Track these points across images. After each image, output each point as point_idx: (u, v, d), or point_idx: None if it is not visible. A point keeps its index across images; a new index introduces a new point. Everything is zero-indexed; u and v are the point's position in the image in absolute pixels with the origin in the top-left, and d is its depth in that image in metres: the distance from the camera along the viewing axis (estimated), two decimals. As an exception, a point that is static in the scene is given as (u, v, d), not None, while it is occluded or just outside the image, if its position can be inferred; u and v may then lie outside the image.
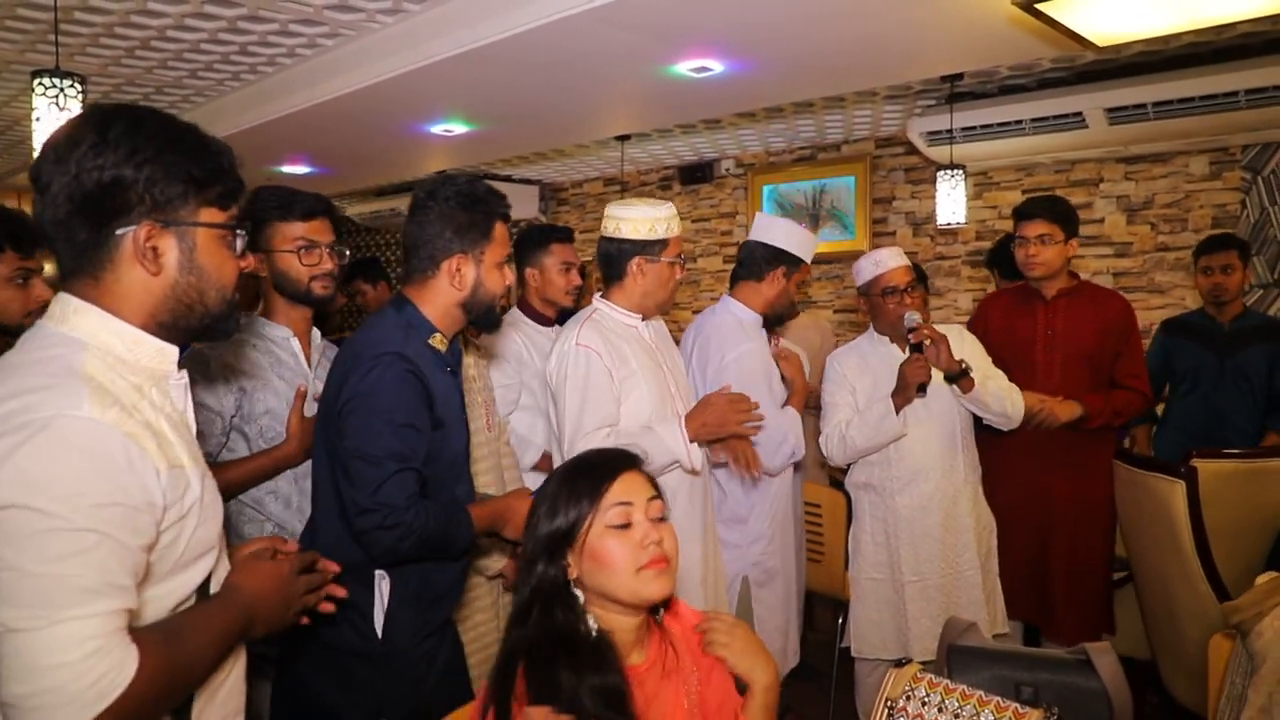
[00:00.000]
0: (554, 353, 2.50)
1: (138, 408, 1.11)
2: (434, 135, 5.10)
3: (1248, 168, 4.69)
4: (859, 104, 5.12)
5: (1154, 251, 4.98)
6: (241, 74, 4.47)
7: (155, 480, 1.08)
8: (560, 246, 3.03)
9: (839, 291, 6.21)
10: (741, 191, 6.60)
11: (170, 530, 1.12)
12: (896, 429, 2.82)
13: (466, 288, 1.85)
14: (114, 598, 1.03)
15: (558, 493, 1.44)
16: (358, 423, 1.72)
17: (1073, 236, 3.04)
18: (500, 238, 1.88)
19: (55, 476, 1.00)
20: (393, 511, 1.68)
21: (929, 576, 2.88)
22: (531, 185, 7.60)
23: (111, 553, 1.03)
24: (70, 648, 0.99)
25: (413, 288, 1.88)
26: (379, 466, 1.69)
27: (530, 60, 3.74)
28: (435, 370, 1.82)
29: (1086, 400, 2.98)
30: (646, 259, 2.50)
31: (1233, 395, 3.72)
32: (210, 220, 1.22)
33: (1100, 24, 2.92)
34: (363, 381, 1.73)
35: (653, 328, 2.65)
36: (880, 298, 2.93)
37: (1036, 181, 5.30)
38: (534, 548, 1.43)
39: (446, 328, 1.88)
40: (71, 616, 0.99)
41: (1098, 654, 1.96)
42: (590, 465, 1.48)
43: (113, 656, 1.02)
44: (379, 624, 1.78)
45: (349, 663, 1.78)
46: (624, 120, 5.19)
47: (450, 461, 1.88)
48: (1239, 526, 3.01)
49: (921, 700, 1.79)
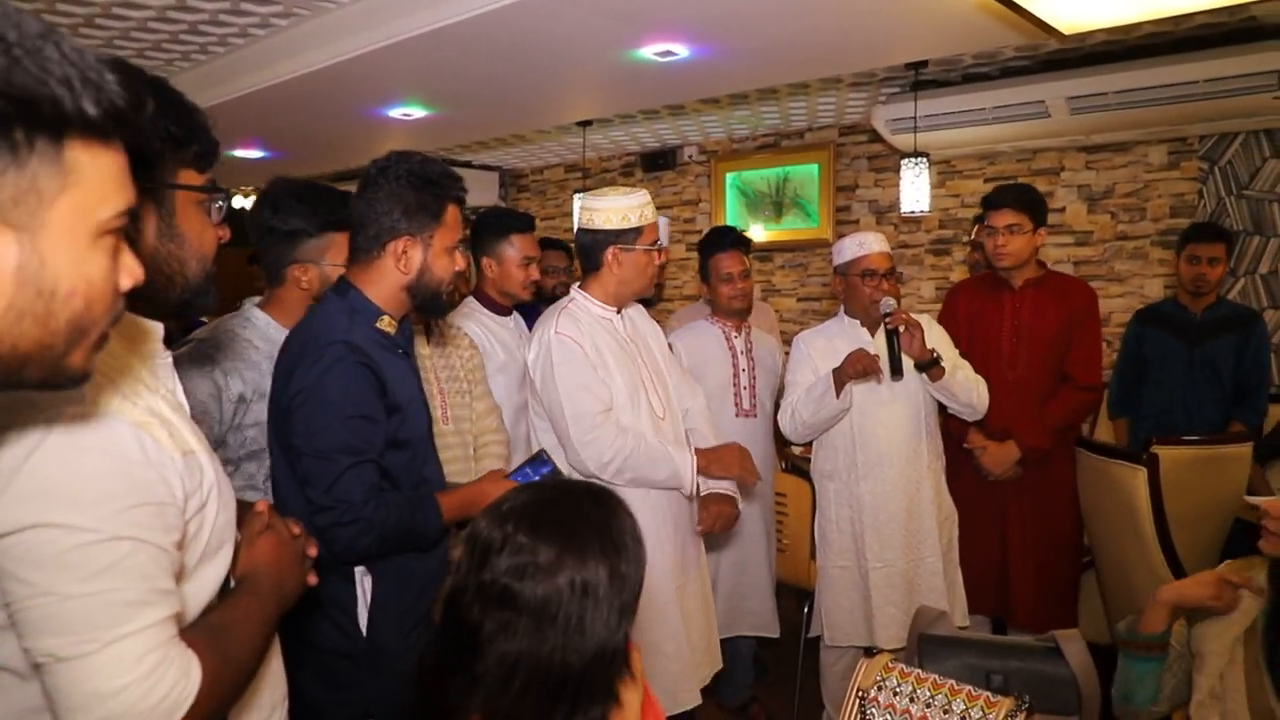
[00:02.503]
0: (534, 344, 2.50)
1: (137, 394, 1.02)
2: (392, 119, 5.00)
3: (1205, 158, 4.76)
4: (823, 91, 5.10)
5: (1114, 240, 5.03)
6: (191, 54, 4.33)
7: (173, 470, 1.00)
8: (521, 238, 2.94)
9: (802, 280, 6.20)
10: (705, 179, 6.56)
11: (194, 520, 1.05)
12: (838, 405, 2.83)
13: (412, 271, 1.78)
14: (161, 605, 0.96)
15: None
16: (307, 418, 1.65)
17: (1041, 226, 3.04)
18: (452, 222, 1.81)
19: (72, 485, 0.90)
20: (350, 507, 1.62)
21: (893, 563, 2.89)
22: (491, 171, 7.51)
23: (150, 557, 0.95)
24: (130, 667, 0.92)
25: (357, 269, 1.80)
26: (332, 462, 1.63)
27: (492, 42, 3.66)
28: (385, 354, 1.76)
29: (1022, 437, 3.00)
30: (621, 248, 2.48)
31: (1200, 385, 3.76)
32: (189, 182, 1.13)
33: (1066, 12, 2.92)
34: (309, 374, 1.66)
35: (632, 319, 2.63)
36: (859, 278, 2.92)
37: (999, 170, 5.33)
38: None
39: (393, 310, 1.81)
40: (124, 634, 0.92)
41: (1066, 641, 1.96)
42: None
43: (176, 666, 0.95)
44: (363, 621, 1.73)
45: (334, 662, 1.72)
46: (587, 105, 5.12)
47: (416, 444, 1.82)
48: (1198, 513, 3.05)
49: (893, 690, 1.78)
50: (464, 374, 2.51)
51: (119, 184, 0.81)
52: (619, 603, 1.13)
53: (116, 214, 0.81)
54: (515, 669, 1.09)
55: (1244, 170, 4.65)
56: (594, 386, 2.41)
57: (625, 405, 2.44)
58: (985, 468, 3.05)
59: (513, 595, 1.10)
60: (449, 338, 2.56)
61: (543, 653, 1.09)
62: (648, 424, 2.47)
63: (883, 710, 1.76)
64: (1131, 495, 2.85)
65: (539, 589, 1.10)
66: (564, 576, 1.10)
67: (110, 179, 0.80)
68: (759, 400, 3.35)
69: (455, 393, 2.46)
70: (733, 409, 3.29)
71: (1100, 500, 3.05)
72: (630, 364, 2.51)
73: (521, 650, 1.09)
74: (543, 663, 1.09)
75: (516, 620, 1.09)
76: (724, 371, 3.31)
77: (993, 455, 3.03)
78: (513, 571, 1.11)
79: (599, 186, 6.62)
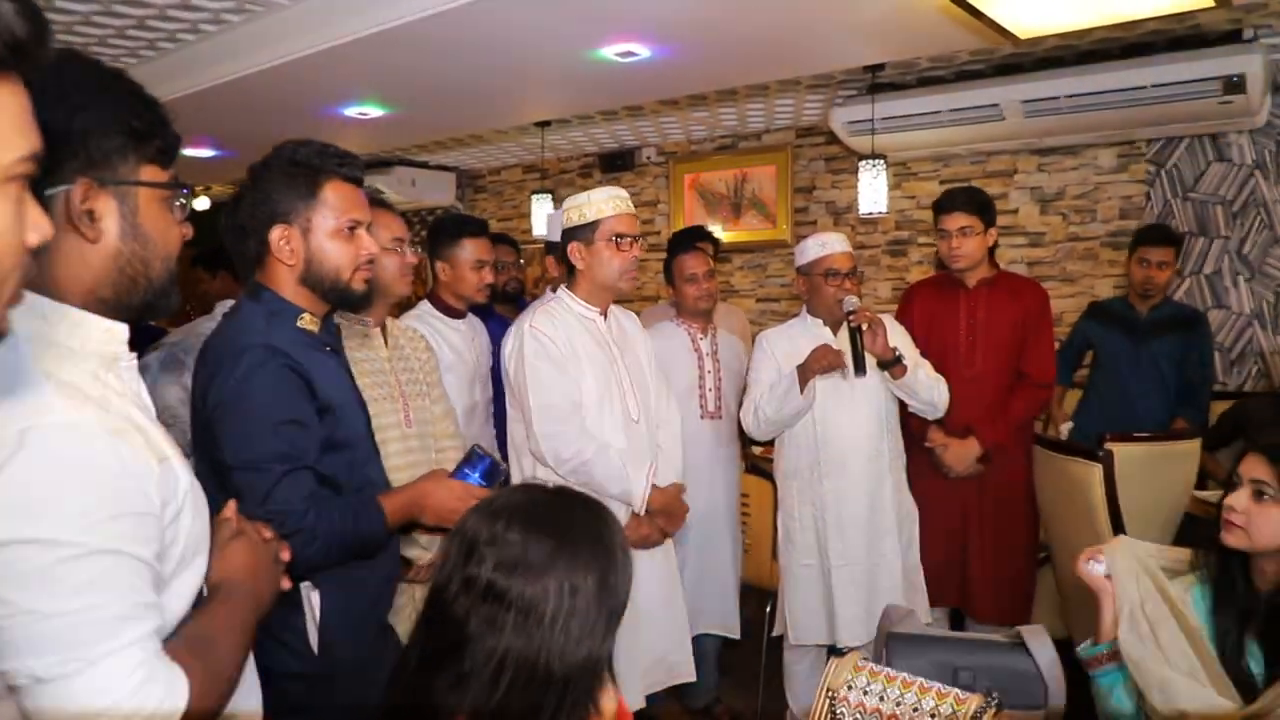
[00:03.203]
0: (510, 336, 2.55)
1: (109, 401, 0.98)
2: (348, 118, 4.91)
3: (1152, 161, 4.87)
4: (781, 93, 5.13)
5: (1065, 241, 5.13)
6: (140, 50, 4.22)
7: (151, 479, 0.96)
8: (473, 242, 2.94)
9: (761, 281, 6.23)
10: (663, 180, 6.56)
11: (170, 529, 1.01)
12: (801, 402, 2.84)
13: (297, 260, 1.67)
14: (145, 619, 0.93)
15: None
16: (231, 428, 1.56)
17: (991, 226, 3.10)
18: (334, 200, 1.68)
19: (49, 498, 0.87)
20: (290, 517, 1.53)
21: (855, 562, 2.91)
22: (448, 172, 7.43)
23: (132, 570, 0.92)
24: (116, 685, 0.89)
25: (261, 271, 1.72)
26: (264, 472, 1.54)
27: (450, 41, 3.62)
28: (311, 353, 1.67)
29: (983, 434, 3.05)
30: (582, 244, 2.52)
31: (1144, 382, 3.85)
32: (153, 179, 1.08)
33: (1023, 16, 2.96)
34: (229, 382, 1.56)
35: (619, 323, 2.66)
36: (821, 278, 2.94)
37: (954, 172, 5.40)
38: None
39: (311, 306, 1.71)
40: (109, 652, 0.89)
41: (1031, 636, 1.97)
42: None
43: (162, 681, 0.93)
44: (313, 639, 1.64)
45: (286, 686, 1.60)
46: (546, 106, 5.09)
47: (355, 445, 1.74)
48: (1149, 508, 3.11)
49: (863, 690, 1.78)
50: (423, 375, 2.47)
51: (19, 125, 0.74)
52: (606, 610, 1.12)
53: (18, 159, 0.74)
54: (503, 666, 1.07)
55: (1189, 173, 4.77)
56: (562, 382, 2.44)
57: (594, 404, 2.46)
58: (947, 465, 3.08)
59: (501, 591, 1.08)
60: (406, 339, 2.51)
61: (529, 652, 1.07)
62: (620, 425, 2.48)
63: (853, 710, 1.76)
64: (1087, 491, 2.90)
65: (528, 587, 1.08)
66: (554, 577, 1.09)
67: (9, 119, 0.72)
68: (724, 402, 3.36)
69: (416, 395, 2.40)
70: (698, 411, 3.29)
71: (1057, 497, 3.10)
72: (607, 365, 2.52)
73: (509, 647, 1.07)
74: (529, 662, 1.07)
75: (504, 616, 1.07)
76: (689, 374, 3.31)
77: (954, 452, 3.07)
78: (502, 567, 1.09)
79: (557, 188, 6.60)
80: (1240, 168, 4.63)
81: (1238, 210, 4.66)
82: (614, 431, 2.50)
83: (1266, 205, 4.57)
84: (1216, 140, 4.67)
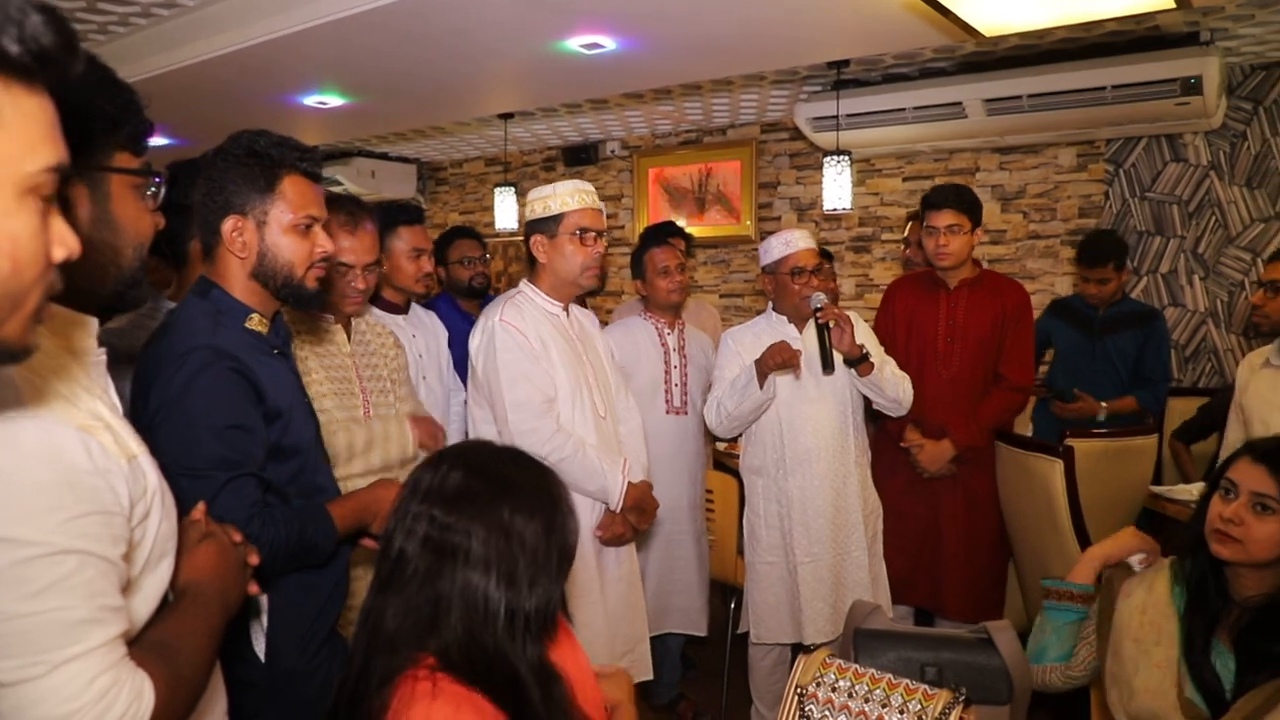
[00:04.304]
0: (477, 331, 2.49)
1: (76, 396, 0.94)
2: (306, 107, 4.83)
3: (1111, 160, 4.94)
4: (746, 88, 5.12)
5: (1026, 239, 5.19)
6: (89, 34, 4.10)
7: (119, 477, 0.93)
8: (408, 230, 2.87)
9: (725, 276, 6.23)
10: (627, 174, 6.53)
11: (138, 529, 0.98)
12: (761, 396, 2.84)
13: (249, 254, 1.60)
14: (111, 622, 0.90)
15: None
16: (172, 434, 1.47)
17: (978, 226, 3.08)
18: (294, 195, 1.62)
19: (14, 495, 0.83)
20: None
21: (820, 558, 2.91)
22: (409, 164, 7.34)
23: (98, 571, 0.88)
24: (80, 690, 0.86)
25: (210, 265, 1.64)
26: (206, 479, 1.47)
27: (412, 30, 3.56)
28: (259, 357, 1.60)
29: (957, 435, 3.06)
30: (545, 236, 2.48)
31: (1101, 377, 3.90)
32: (124, 165, 1.05)
33: (987, 14, 2.97)
34: (171, 385, 1.49)
35: (579, 320, 2.62)
36: (787, 276, 2.93)
37: (917, 169, 5.44)
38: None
39: (260, 306, 1.65)
40: (73, 656, 0.85)
41: (997, 631, 1.98)
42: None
43: (128, 687, 0.90)
44: (261, 646, 1.59)
45: (233, 695, 1.56)
46: (510, 97, 5.04)
47: (304, 452, 1.68)
48: (1108, 503, 3.15)
49: (831, 686, 1.77)
50: (387, 373, 2.42)
51: (46, 136, 0.72)
52: (556, 555, 1.17)
53: (44, 169, 0.72)
54: (465, 599, 1.12)
55: (1147, 173, 4.85)
56: (535, 376, 2.40)
57: (567, 399, 2.43)
58: (921, 465, 3.09)
59: (444, 525, 1.14)
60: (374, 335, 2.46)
61: (486, 586, 1.12)
62: (590, 420, 2.45)
63: (821, 706, 1.75)
64: (1049, 486, 2.92)
65: (471, 524, 1.13)
66: (497, 516, 1.14)
67: (36, 128, 0.71)
68: (690, 398, 3.34)
69: (378, 391, 2.36)
70: (663, 406, 3.27)
71: (1019, 492, 3.13)
72: (575, 360, 2.49)
73: (469, 581, 1.12)
74: (490, 596, 1.12)
75: (457, 545, 1.13)
76: (655, 368, 3.29)
77: (928, 453, 3.07)
78: (451, 502, 1.15)
79: (520, 181, 6.54)
80: (1196, 168, 4.71)
81: (1193, 210, 4.74)
82: (585, 427, 2.47)
83: (1221, 206, 4.66)
84: (1173, 141, 4.75)
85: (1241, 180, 4.60)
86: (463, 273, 3.60)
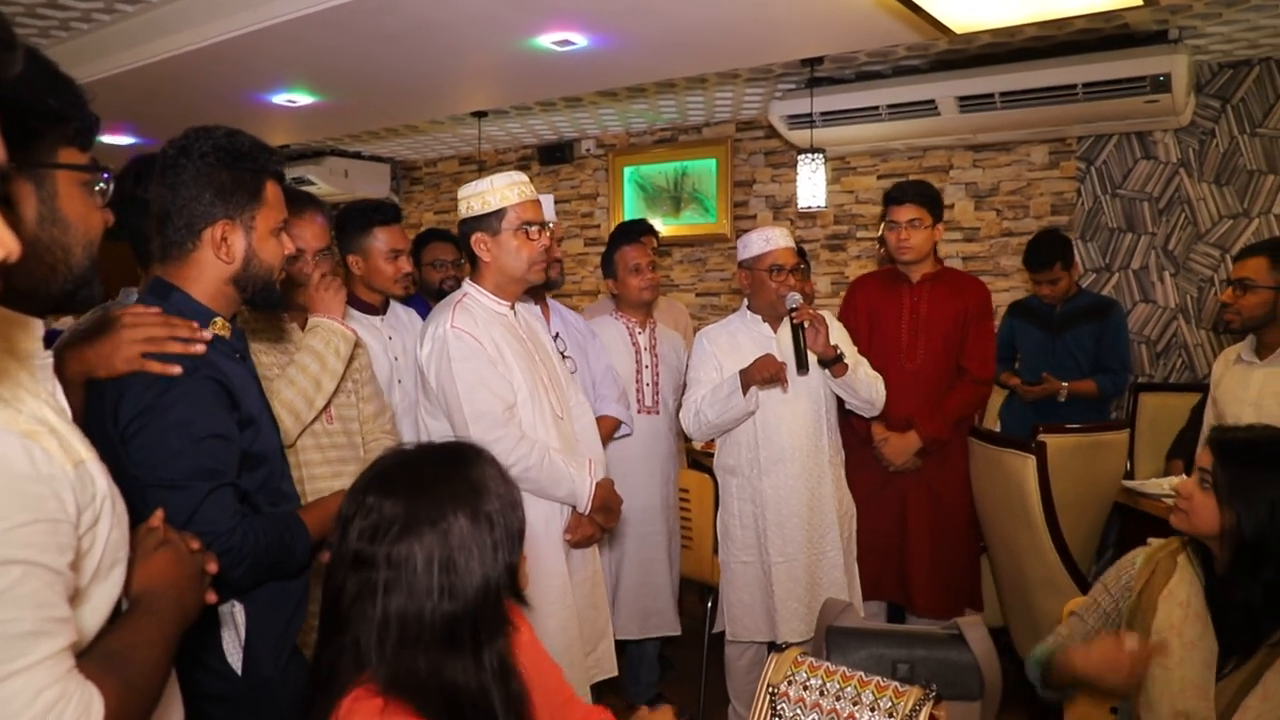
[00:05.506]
0: (426, 339, 2.36)
1: (19, 400, 0.91)
2: (275, 105, 4.76)
3: (1082, 158, 4.97)
4: (720, 85, 5.12)
5: (999, 236, 5.21)
6: (51, 30, 4.03)
7: (65, 484, 0.90)
8: (385, 230, 2.78)
9: (701, 275, 6.22)
10: (603, 173, 6.51)
11: (86, 537, 0.95)
12: (744, 406, 2.82)
13: (236, 260, 1.57)
14: (57, 634, 0.87)
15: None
16: (148, 444, 1.43)
17: (939, 221, 3.13)
18: (274, 200, 1.61)
19: None
20: (216, 538, 1.42)
21: (795, 558, 2.90)
22: (382, 163, 7.27)
23: (44, 582, 0.85)
24: (25, 706, 0.83)
25: (172, 266, 1.57)
26: (188, 490, 1.43)
27: (384, 25, 3.52)
28: (226, 362, 1.56)
29: (922, 427, 3.08)
30: (487, 234, 2.37)
31: (1064, 372, 3.94)
32: (71, 161, 1.01)
33: (958, 11, 2.98)
34: (145, 394, 1.44)
35: (525, 318, 2.53)
36: (765, 274, 2.92)
37: (891, 167, 5.45)
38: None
39: (223, 308, 1.59)
40: (17, 670, 0.82)
41: (968, 628, 1.98)
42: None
43: (76, 701, 0.87)
44: (237, 659, 1.54)
45: (208, 709, 1.51)
46: (482, 95, 5.00)
47: (272, 459, 1.64)
48: (1080, 498, 3.17)
49: (803, 684, 1.76)
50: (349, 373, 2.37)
51: None
52: (491, 540, 1.19)
53: None
54: (387, 627, 1.14)
55: (1118, 170, 4.88)
56: (494, 384, 2.30)
57: (526, 403, 2.35)
58: (886, 458, 3.09)
59: (368, 557, 1.15)
60: None
61: (416, 606, 1.14)
62: (550, 422, 2.39)
63: (793, 705, 1.74)
64: (1022, 482, 2.93)
65: (394, 548, 1.15)
66: (418, 530, 1.15)
67: None
68: (661, 397, 3.32)
69: (340, 391, 2.31)
70: (635, 405, 3.25)
71: (992, 488, 3.13)
72: (529, 362, 2.40)
73: (386, 608, 1.14)
74: (422, 615, 1.14)
75: (375, 579, 1.14)
76: (627, 367, 3.26)
77: (894, 446, 3.08)
78: (365, 535, 1.16)
79: (495, 179, 6.48)
80: (1166, 165, 4.75)
81: (1164, 207, 4.78)
82: (546, 431, 2.39)
83: (1190, 202, 4.70)
84: (1144, 138, 4.79)
85: (1210, 177, 4.64)
86: (434, 275, 3.54)
